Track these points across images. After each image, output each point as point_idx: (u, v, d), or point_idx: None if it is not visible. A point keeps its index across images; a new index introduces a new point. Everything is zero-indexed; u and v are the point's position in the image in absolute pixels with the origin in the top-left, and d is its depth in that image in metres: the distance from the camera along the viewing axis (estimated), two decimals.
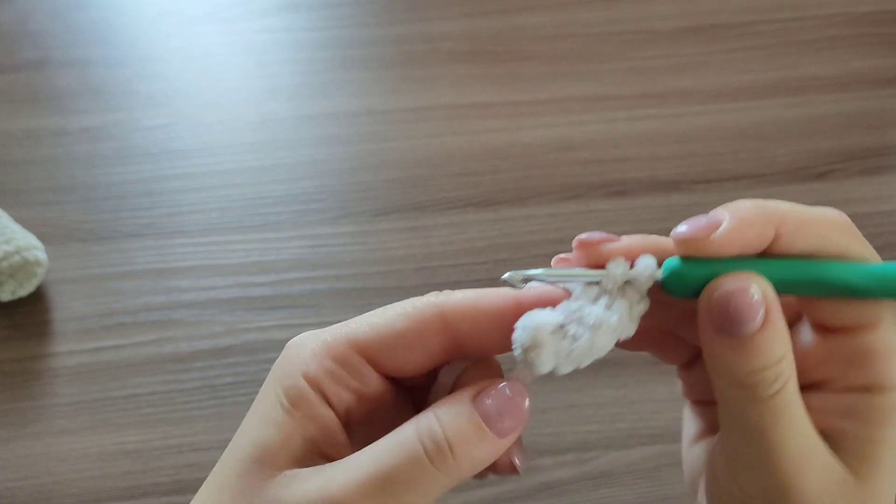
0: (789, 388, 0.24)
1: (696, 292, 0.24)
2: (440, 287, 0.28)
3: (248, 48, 0.73)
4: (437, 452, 0.23)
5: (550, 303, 0.26)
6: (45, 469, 0.48)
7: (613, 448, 0.49)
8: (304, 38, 0.73)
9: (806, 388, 0.25)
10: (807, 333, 0.26)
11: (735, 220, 0.24)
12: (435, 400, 0.26)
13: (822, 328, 0.25)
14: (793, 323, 0.26)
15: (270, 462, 0.24)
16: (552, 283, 0.26)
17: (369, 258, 0.57)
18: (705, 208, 0.57)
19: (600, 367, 0.27)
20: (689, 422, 0.31)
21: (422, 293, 0.29)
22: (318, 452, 0.25)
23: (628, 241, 0.26)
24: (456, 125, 0.66)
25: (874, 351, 0.24)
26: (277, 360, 0.26)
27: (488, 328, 0.26)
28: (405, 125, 0.66)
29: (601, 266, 0.26)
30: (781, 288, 0.24)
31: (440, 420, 0.24)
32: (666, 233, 0.26)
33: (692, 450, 0.30)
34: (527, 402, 0.25)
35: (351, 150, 0.64)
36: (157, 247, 0.58)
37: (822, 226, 0.24)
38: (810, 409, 0.25)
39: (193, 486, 0.47)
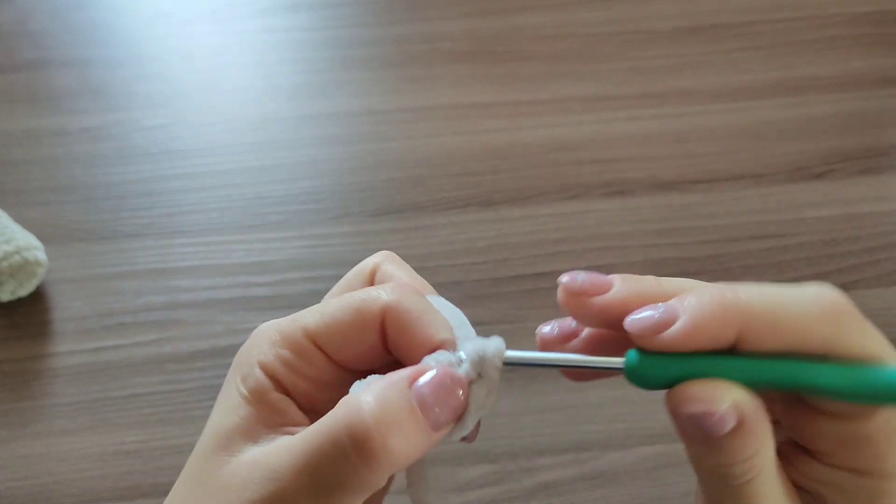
0: (763, 478, 0.23)
1: (663, 386, 0.23)
2: (440, 287, 0.28)
3: (248, 48, 0.73)
4: (360, 445, 0.22)
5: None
6: (45, 469, 0.48)
7: (612, 448, 0.49)
8: (304, 38, 0.73)
9: (802, 450, 0.24)
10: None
11: (690, 319, 0.22)
12: None
13: (812, 411, 0.23)
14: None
15: (228, 446, 0.24)
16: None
17: None
18: (705, 208, 0.57)
19: None
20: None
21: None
22: (277, 431, 0.25)
23: (620, 294, 0.24)
24: (456, 125, 0.66)
25: (870, 438, 0.23)
26: (237, 353, 0.27)
27: (415, 350, 0.25)
28: (405, 125, 0.66)
29: (593, 318, 0.24)
30: (752, 386, 0.22)
31: (368, 405, 0.22)
32: (665, 233, 0.26)
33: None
34: (466, 395, 0.24)
35: (351, 150, 0.64)
36: (157, 247, 0.58)
37: (797, 325, 0.22)
38: (800, 470, 0.24)
39: None
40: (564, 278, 0.24)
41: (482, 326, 0.29)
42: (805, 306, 0.22)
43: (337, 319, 0.25)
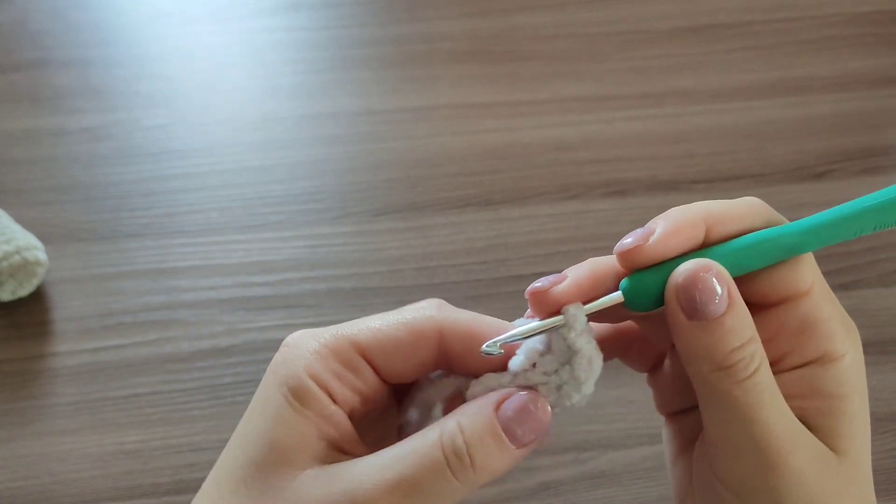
0: (765, 369, 0.25)
1: (658, 301, 0.25)
2: (439, 287, 0.28)
3: (248, 48, 0.73)
4: (457, 463, 0.24)
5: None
6: (46, 469, 0.48)
7: (612, 448, 0.49)
8: (304, 38, 0.73)
9: None
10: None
11: (666, 224, 0.25)
12: (411, 406, 0.28)
13: (761, 305, 0.26)
14: None
15: (289, 462, 0.25)
16: (525, 338, 0.27)
17: (369, 258, 0.58)
18: None
19: None
20: (669, 441, 0.31)
21: (421, 293, 0.29)
22: (336, 449, 0.26)
23: (575, 275, 0.26)
24: (455, 125, 0.66)
25: (814, 318, 0.25)
26: (276, 359, 0.26)
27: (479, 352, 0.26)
28: (405, 125, 0.66)
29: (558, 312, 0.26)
30: (731, 270, 0.25)
31: (463, 430, 0.24)
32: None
33: (676, 467, 0.30)
34: (549, 415, 0.26)
35: (351, 150, 0.64)
36: (157, 247, 0.58)
37: (744, 211, 0.26)
38: None
39: (194, 486, 0.47)
40: (626, 239, 0.26)
41: None
42: (746, 201, 0.26)
43: (390, 336, 0.27)
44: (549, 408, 0.26)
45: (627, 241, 0.25)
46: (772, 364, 0.25)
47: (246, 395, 0.51)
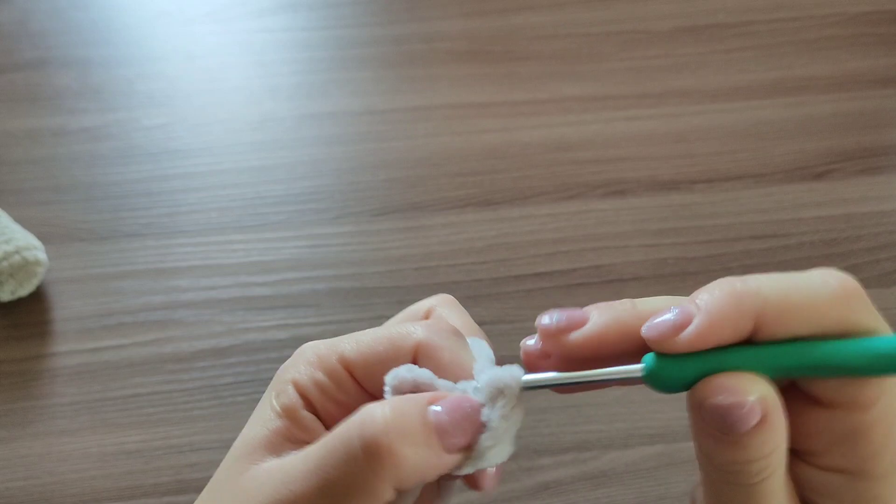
0: (776, 477, 0.23)
1: (684, 386, 0.23)
2: (439, 287, 0.28)
3: (247, 48, 0.73)
4: (373, 449, 0.22)
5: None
6: (46, 469, 0.48)
7: (613, 448, 0.49)
8: (303, 38, 0.73)
9: (792, 454, 0.24)
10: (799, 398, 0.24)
11: (706, 315, 0.22)
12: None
13: (816, 401, 0.23)
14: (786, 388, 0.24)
15: (252, 456, 0.25)
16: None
17: (369, 258, 0.58)
18: (704, 208, 0.57)
19: None
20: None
21: (421, 293, 0.29)
22: (300, 448, 0.26)
23: (597, 326, 0.24)
24: (455, 125, 0.66)
25: (865, 433, 0.22)
26: (280, 368, 0.28)
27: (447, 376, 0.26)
28: (404, 125, 0.66)
29: (572, 359, 0.24)
30: (773, 374, 0.22)
31: (384, 414, 0.23)
32: (665, 233, 0.26)
33: None
34: (480, 420, 0.24)
35: (350, 150, 0.64)
36: (157, 247, 0.58)
37: (812, 308, 0.22)
38: (794, 478, 0.24)
39: (194, 486, 0.47)
40: (542, 320, 0.25)
41: (482, 326, 0.29)
42: (817, 289, 0.22)
43: (371, 348, 0.26)
44: (481, 421, 0.24)
45: (660, 324, 0.22)
46: (803, 453, 0.24)
47: (246, 395, 0.51)
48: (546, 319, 0.25)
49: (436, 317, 0.29)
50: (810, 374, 0.22)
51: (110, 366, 0.52)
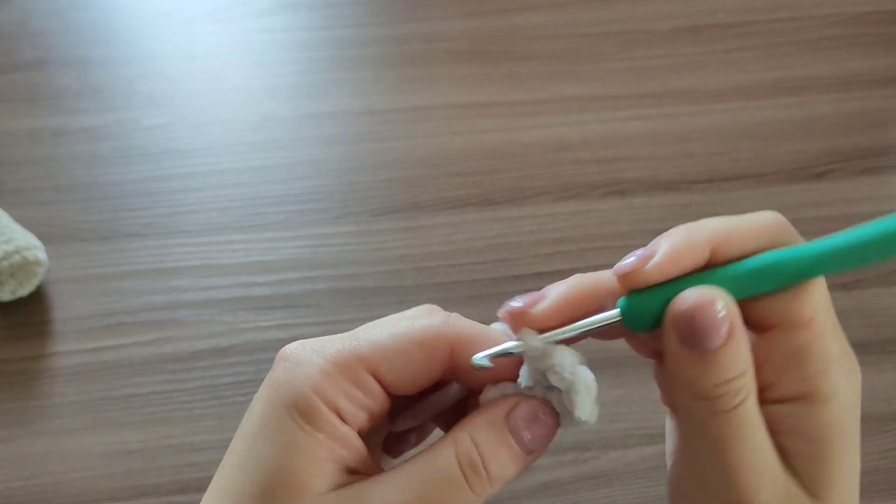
0: (749, 402, 0.24)
1: (658, 323, 0.24)
2: (440, 287, 0.28)
3: (247, 48, 0.73)
4: (474, 477, 0.25)
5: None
6: (46, 469, 0.48)
7: (612, 448, 0.49)
8: (303, 38, 0.73)
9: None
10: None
11: (668, 245, 0.24)
12: (409, 416, 0.28)
13: (759, 328, 0.25)
14: None
15: (302, 488, 0.24)
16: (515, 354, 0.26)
17: (369, 258, 0.58)
18: (704, 208, 0.57)
19: (600, 366, 0.27)
20: (670, 434, 0.31)
21: (421, 293, 0.29)
22: (348, 471, 0.25)
23: (555, 295, 0.26)
24: (455, 125, 0.66)
25: (807, 352, 0.24)
26: (276, 377, 0.25)
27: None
28: (404, 125, 0.66)
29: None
30: (730, 287, 0.24)
31: (477, 444, 0.25)
32: (664, 232, 0.26)
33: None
34: (555, 423, 0.26)
35: (350, 150, 0.64)
36: (157, 247, 0.58)
37: (754, 231, 0.25)
38: None
39: (195, 486, 0.47)
40: (509, 305, 0.26)
41: None
42: (757, 219, 0.25)
43: (400, 351, 0.26)
44: (557, 416, 0.26)
45: (627, 262, 0.25)
46: (759, 392, 0.24)
47: (246, 394, 0.51)
48: (511, 304, 0.26)
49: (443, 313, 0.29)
50: (760, 287, 0.24)
51: (110, 366, 0.52)
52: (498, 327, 0.27)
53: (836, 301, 0.25)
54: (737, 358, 0.23)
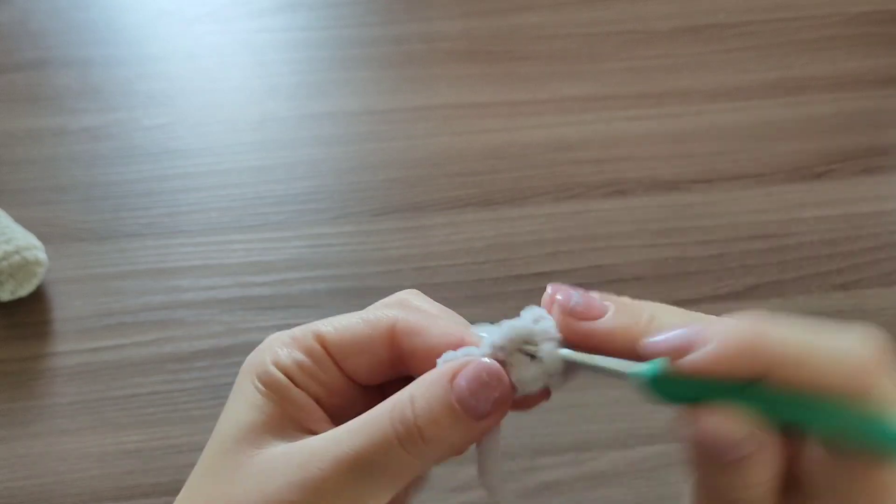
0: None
1: (680, 401, 0.22)
2: (440, 287, 0.28)
3: (247, 48, 0.73)
4: (406, 436, 0.24)
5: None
6: (46, 469, 0.48)
7: (613, 448, 0.49)
8: (303, 38, 0.73)
9: (790, 486, 0.23)
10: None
11: (716, 347, 0.21)
12: None
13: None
14: None
15: (254, 441, 0.25)
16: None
17: (369, 258, 0.58)
18: (705, 208, 0.57)
19: None
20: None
21: (421, 292, 0.29)
22: (301, 428, 0.26)
23: (607, 328, 0.24)
24: (455, 125, 0.66)
25: (870, 481, 0.21)
26: (248, 357, 0.28)
27: (429, 354, 0.26)
28: (404, 125, 0.66)
29: (573, 339, 0.25)
30: (769, 418, 0.21)
31: (414, 401, 0.24)
32: (665, 233, 0.26)
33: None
34: (507, 386, 0.25)
35: (350, 150, 0.64)
36: (157, 247, 0.58)
37: (830, 374, 0.20)
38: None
39: None
40: (558, 295, 0.25)
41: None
42: (842, 357, 0.21)
43: (348, 329, 0.27)
44: (509, 378, 0.24)
45: (660, 339, 0.22)
46: (800, 489, 0.22)
47: None
48: (561, 296, 0.25)
49: (410, 303, 0.29)
50: (806, 430, 0.21)
51: (110, 366, 0.52)
52: (480, 331, 0.27)
53: (836, 301, 0.25)
54: (754, 475, 0.21)
